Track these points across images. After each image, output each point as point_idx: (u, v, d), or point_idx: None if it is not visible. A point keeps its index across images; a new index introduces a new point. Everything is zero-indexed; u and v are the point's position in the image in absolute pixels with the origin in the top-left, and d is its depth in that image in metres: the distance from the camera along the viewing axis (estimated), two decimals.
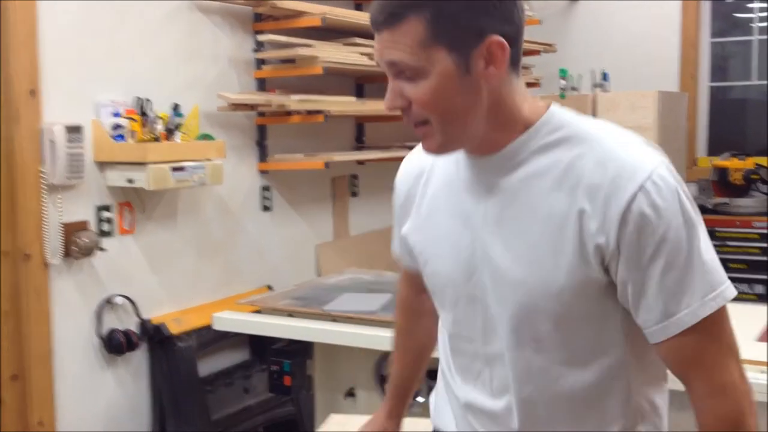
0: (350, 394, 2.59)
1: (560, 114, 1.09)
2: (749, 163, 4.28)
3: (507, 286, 1.07)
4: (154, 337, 2.86)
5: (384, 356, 2.53)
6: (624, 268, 1.03)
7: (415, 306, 1.41)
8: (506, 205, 1.07)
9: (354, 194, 3.94)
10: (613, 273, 1.04)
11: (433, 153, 1.10)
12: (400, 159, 1.27)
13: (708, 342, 1.04)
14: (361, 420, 2.03)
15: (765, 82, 4.51)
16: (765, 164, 4.28)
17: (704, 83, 4.59)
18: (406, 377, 1.45)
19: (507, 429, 1.13)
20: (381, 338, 2.42)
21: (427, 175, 1.18)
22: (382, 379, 2.54)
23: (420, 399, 2.49)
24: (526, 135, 1.07)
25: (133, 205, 2.83)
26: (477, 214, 1.09)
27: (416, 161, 1.22)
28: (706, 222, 1.07)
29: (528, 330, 1.08)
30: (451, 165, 1.14)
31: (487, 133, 1.06)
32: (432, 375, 2.52)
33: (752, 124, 4.71)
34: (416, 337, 1.45)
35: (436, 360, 2.62)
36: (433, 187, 1.17)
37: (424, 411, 2.47)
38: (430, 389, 2.49)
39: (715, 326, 1.04)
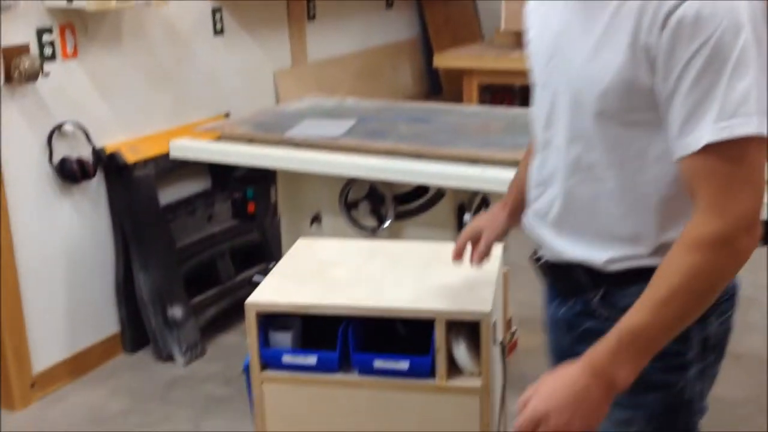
0: (316, 219, 2.58)
1: None
2: None
3: (570, 74, 1.10)
4: (110, 165, 2.77)
5: (349, 182, 2.49)
6: (659, 78, 1.01)
7: None
8: None
9: (311, 18, 3.75)
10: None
11: None
12: None
13: (719, 169, 0.98)
14: (330, 243, 2.02)
15: None
16: None
17: None
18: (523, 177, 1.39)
19: (547, 220, 1.19)
20: (346, 164, 2.37)
21: None
22: (348, 206, 2.52)
23: (386, 224, 2.50)
24: None
25: (76, 27, 2.65)
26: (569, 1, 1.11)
27: None
28: None
29: (579, 123, 1.10)
30: None
31: None
32: (395, 199, 2.51)
33: None
34: None
35: (386, 183, 2.56)
36: None
37: (389, 234, 2.49)
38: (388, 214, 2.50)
39: (730, 158, 0.97)
